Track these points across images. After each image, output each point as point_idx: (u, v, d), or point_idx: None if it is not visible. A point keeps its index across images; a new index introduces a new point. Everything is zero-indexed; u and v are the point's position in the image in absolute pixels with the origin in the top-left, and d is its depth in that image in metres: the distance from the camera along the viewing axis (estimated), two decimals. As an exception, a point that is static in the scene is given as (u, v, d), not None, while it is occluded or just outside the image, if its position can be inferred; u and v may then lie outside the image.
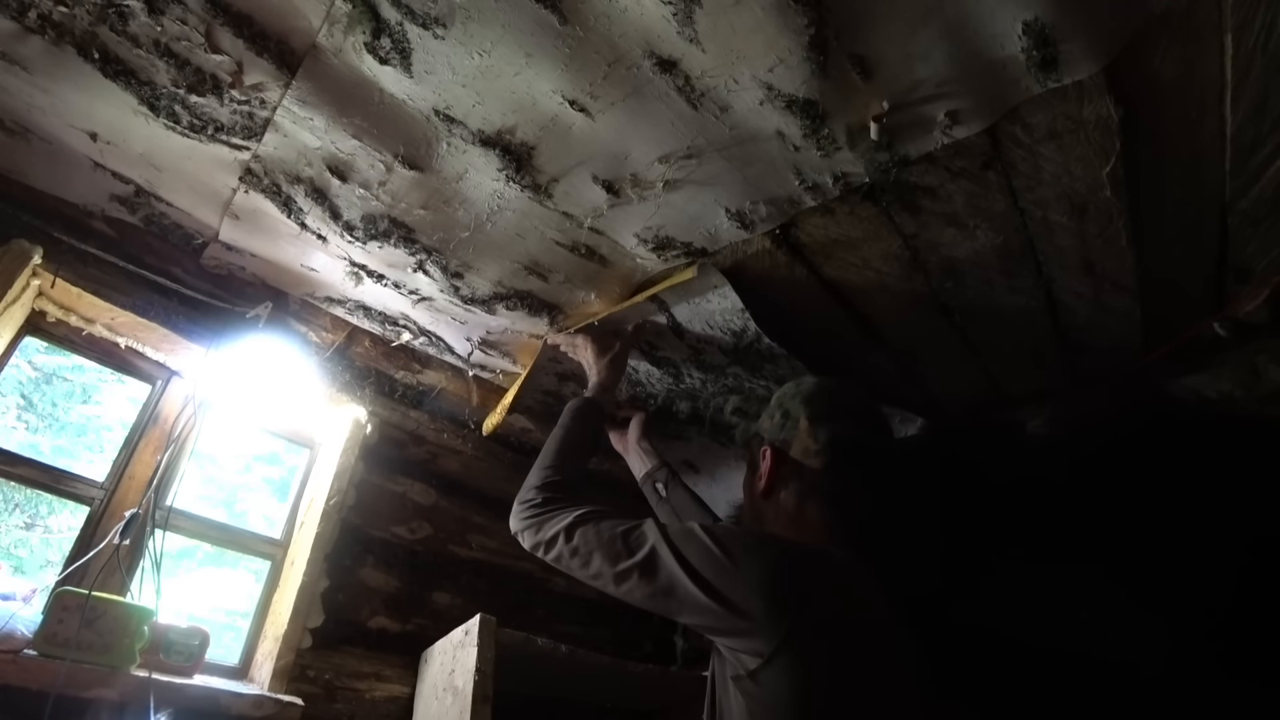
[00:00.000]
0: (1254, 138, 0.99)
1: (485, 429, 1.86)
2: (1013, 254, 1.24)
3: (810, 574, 0.94)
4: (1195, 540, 1.59)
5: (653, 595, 0.95)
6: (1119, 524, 1.71)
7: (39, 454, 1.41)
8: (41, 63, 1.07)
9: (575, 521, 1.06)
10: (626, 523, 1.04)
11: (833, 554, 0.99)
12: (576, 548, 1.03)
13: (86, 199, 1.38)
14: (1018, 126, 1.00)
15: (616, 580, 0.98)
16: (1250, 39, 0.86)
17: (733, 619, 0.88)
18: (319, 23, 0.98)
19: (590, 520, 1.06)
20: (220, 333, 1.50)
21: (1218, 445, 1.58)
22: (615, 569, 0.98)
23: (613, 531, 1.02)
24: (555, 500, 1.15)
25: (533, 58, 0.98)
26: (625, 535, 1.01)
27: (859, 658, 0.90)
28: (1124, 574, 1.65)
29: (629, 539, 1.00)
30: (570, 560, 1.04)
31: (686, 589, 0.91)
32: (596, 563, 1.00)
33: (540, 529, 1.10)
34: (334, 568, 1.54)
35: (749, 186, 1.16)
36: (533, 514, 1.13)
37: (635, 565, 0.97)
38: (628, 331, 1.52)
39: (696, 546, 0.95)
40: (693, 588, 0.91)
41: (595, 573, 1.00)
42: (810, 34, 0.88)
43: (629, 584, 0.97)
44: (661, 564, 0.95)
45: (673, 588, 0.93)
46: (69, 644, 1.12)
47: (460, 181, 1.23)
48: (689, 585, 0.91)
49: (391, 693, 1.54)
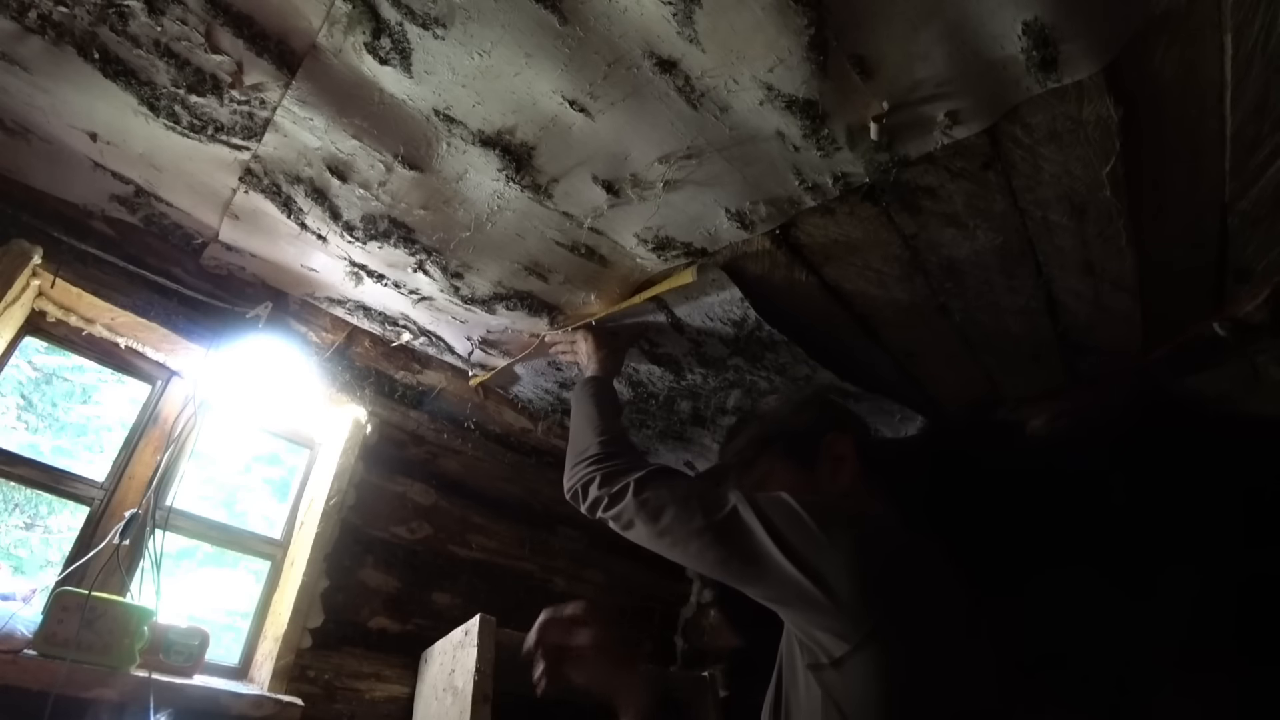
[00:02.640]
0: (1254, 138, 0.99)
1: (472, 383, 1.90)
2: (1013, 254, 1.24)
3: (903, 556, 0.87)
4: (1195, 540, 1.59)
5: (727, 560, 0.87)
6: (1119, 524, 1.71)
7: (39, 454, 1.41)
8: (41, 63, 1.07)
9: (648, 476, 0.99)
10: (703, 484, 0.97)
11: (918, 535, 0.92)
12: (647, 500, 0.96)
13: (86, 199, 1.38)
14: (1018, 127, 1.00)
15: (688, 539, 0.90)
16: (1250, 39, 0.86)
17: (818, 595, 0.79)
18: (319, 23, 0.98)
19: (663, 476, 0.99)
20: (220, 333, 1.50)
21: (1218, 445, 1.58)
22: (690, 526, 0.90)
23: (690, 489, 0.95)
24: (621, 455, 1.08)
25: (533, 58, 0.98)
26: (704, 494, 0.93)
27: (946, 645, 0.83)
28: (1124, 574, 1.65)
29: (708, 498, 0.93)
30: (637, 516, 0.96)
31: (771, 557, 0.83)
32: (668, 518, 0.93)
33: (607, 482, 1.03)
34: (334, 568, 1.54)
35: (749, 187, 1.16)
36: (596, 467, 1.06)
37: (713, 525, 0.89)
38: (626, 328, 1.53)
39: (786, 512, 0.87)
40: (779, 555, 0.83)
41: (664, 529, 0.93)
42: (810, 34, 0.88)
43: (701, 544, 0.89)
44: (744, 526, 0.87)
45: (754, 554, 0.85)
46: (69, 644, 1.12)
47: (460, 182, 1.23)
48: (774, 553, 0.83)
49: (391, 693, 1.54)
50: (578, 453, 1.15)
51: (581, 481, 1.09)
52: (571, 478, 1.12)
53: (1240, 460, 1.55)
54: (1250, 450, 1.54)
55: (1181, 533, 1.62)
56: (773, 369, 1.59)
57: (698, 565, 0.91)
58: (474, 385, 1.91)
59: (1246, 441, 1.53)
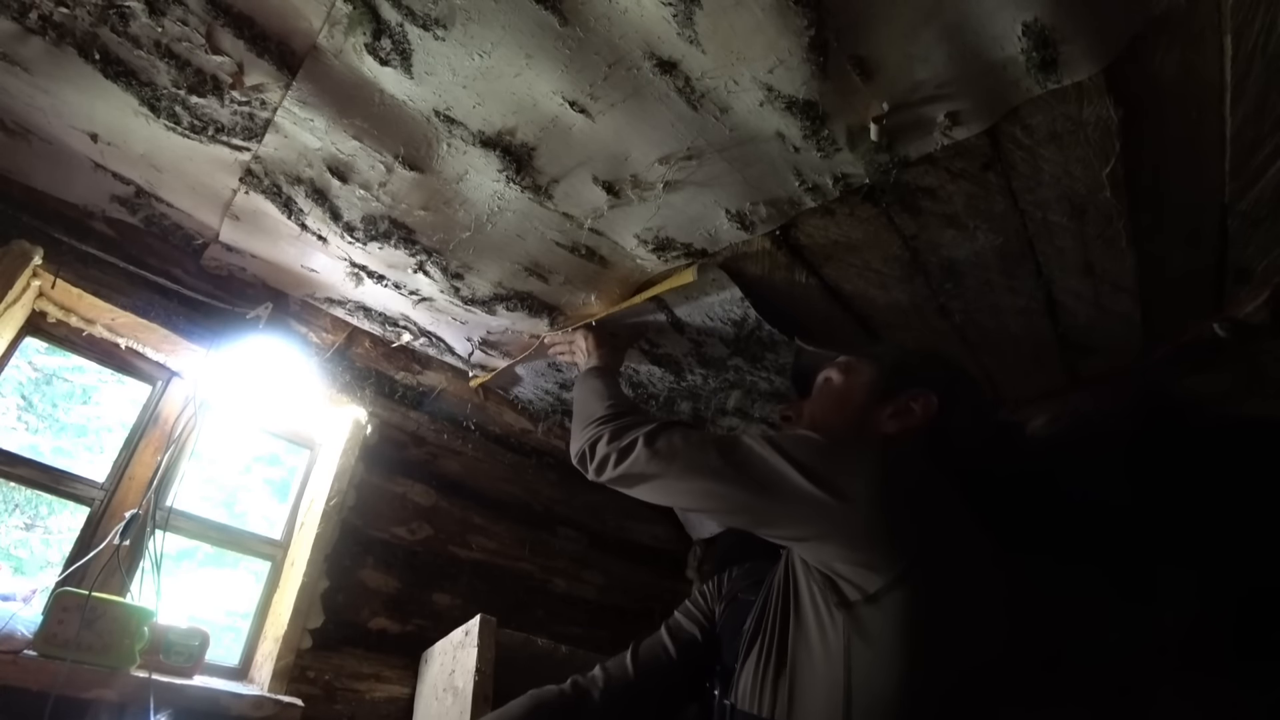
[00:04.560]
0: (1254, 138, 0.99)
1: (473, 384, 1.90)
2: (1012, 255, 1.24)
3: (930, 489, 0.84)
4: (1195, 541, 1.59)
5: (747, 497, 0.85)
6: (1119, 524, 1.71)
7: (39, 455, 1.41)
8: (42, 64, 1.07)
9: (658, 429, 0.99)
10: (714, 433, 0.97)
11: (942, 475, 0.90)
12: (658, 450, 0.95)
13: (87, 200, 1.38)
14: (1018, 128, 1.00)
15: (705, 479, 0.88)
16: (1250, 40, 0.86)
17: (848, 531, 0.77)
18: (320, 24, 0.98)
19: (675, 427, 0.98)
20: (220, 333, 1.51)
21: (1218, 446, 1.58)
22: (706, 467, 0.89)
23: (702, 435, 0.94)
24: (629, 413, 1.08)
25: (533, 59, 0.98)
26: (720, 440, 0.92)
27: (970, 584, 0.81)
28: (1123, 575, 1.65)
29: (723, 441, 0.91)
30: (649, 465, 0.95)
31: (794, 484, 0.80)
32: (680, 463, 0.91)
33: (615, 438, 1.02)
34: (334, 568, 1.54)
35: (749, 188, 1.17)
36: (604, 425, 1.05)
37: (731, 462, 0.87)
38: (626, 329, 1.53)
39: (808, 443, 0.85)
40: (802, 481, 0.80)
41: (678, 474, 0.92)
42: (810, 35, 0.88)
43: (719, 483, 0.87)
44: (760, 458, 0.85)
45: (778, 485, 0.82)
46: (69, 645, 1.12)
47: (460, 182, 1.23)
48: (797, 479, 0.80)
49: (391, 693, 1.54)
50: (584, 418, 1.13)
51: (589, 441, 1.07)
52: (578, 440, 1.10)
53: (1241, 461, 1.55)
54: (1251, 451, 1.54)
55: (1182, 534, 1.62)
56: (773, 369, 1.59)
57: (717, 507, 0.89)
58: (474, 386, 1.91)
59: (1247, 442, 1.53)
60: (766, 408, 1.77)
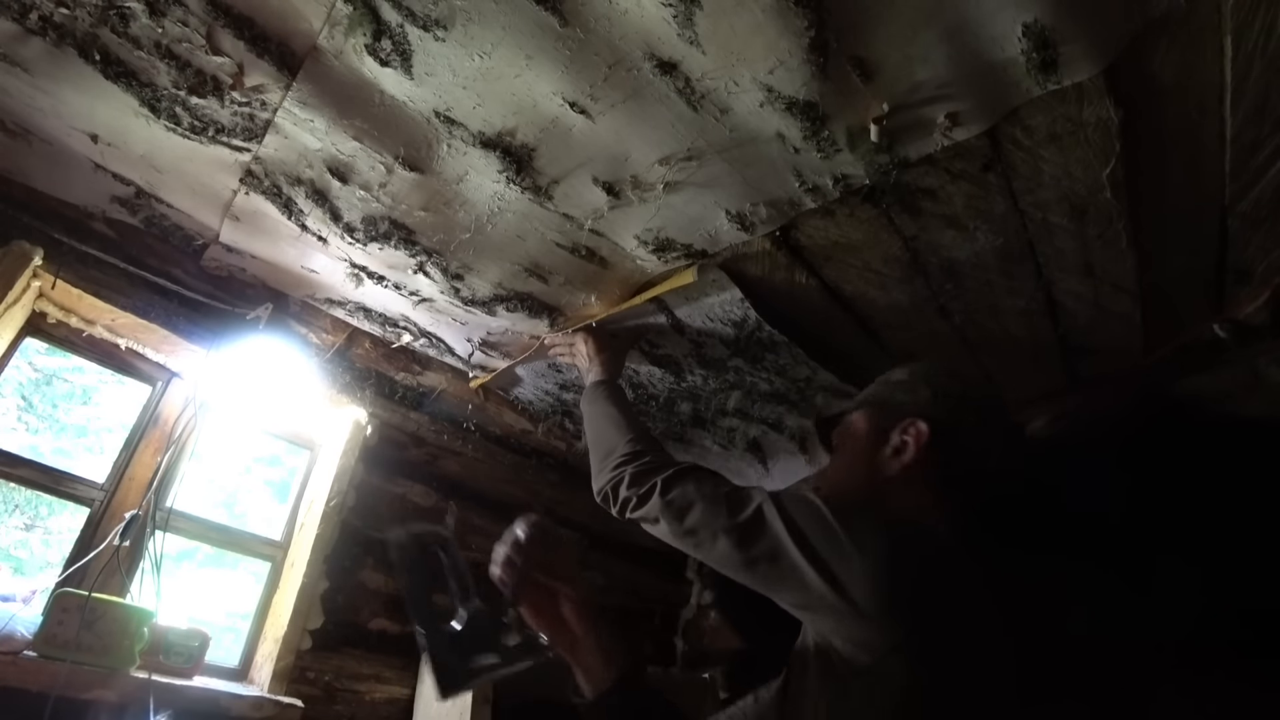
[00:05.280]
0: (1254, 139, 0.99)
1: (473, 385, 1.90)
2: (1012, 256, 1.24)
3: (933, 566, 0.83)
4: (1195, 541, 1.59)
5: (752, 562, 0.85)
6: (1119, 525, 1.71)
7: (39, 455, 1.41)
8: (42, 64, 1.07)
9: (675, 476, 0.99)
10: (730, 483, 0.96)
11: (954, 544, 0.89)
12: (673, 500, 0.96)
13: (87, 200, 1.38)
14: (1018, 128, 1.00)
15: (714, 539, 0.89)
16: (1250, 41, 0.86)
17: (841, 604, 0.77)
18: (320, 25, 0.98)
19: (691, 475, 0.98)
20: (220, 334, 1.51)
21: (1218, 446, 1.58)
22: (715, 526, 0.89)
23: (716, 488, 0.94)
24: (649, 453, 1.08)
25: (533, 60, 0.98)
26: (730, 494, 0.93)
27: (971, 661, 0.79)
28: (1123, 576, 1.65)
29: (733, 497, 0.92)
30: (664, 515, 0.96)
31: (792, 559, 0.81)
32: (694, 518, 0.92)
33: (635, 482, 1.02)
34: (334, 569, 1.54)
35: (749, 188, 1.17)
36: (625, 468, 1.06)
37: (737, 525, 0.88)
38: (626, 330, 1.52)
39: (810, 513, 0.84)
40: (801, 561, 0.80)
41: (690, 528, 0.92)
42: (810, 36, 0.89)
43: (727, 545, 0.87)
44: (767, 527, 0.85)
45: (776, 555, 0.83)
46: (69, 645, 1.12)
47: (461, 183, 1.23)
48: (797, 557, 0.81)
49: (391, 694, 1.54)
50: (604, 454, 1.14)
51: (611, 483, 1.08)
52: (600, 480, 1.12)
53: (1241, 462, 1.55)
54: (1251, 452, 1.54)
55: (1182, 534, 1.62)
56: (773, 370, 1.59)
57: (724, 566, 0.89)
58: (474, 387, 1.91)
59: (1247, 443, 1.53)
60: (766, 408, 1.77)
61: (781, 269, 1.33)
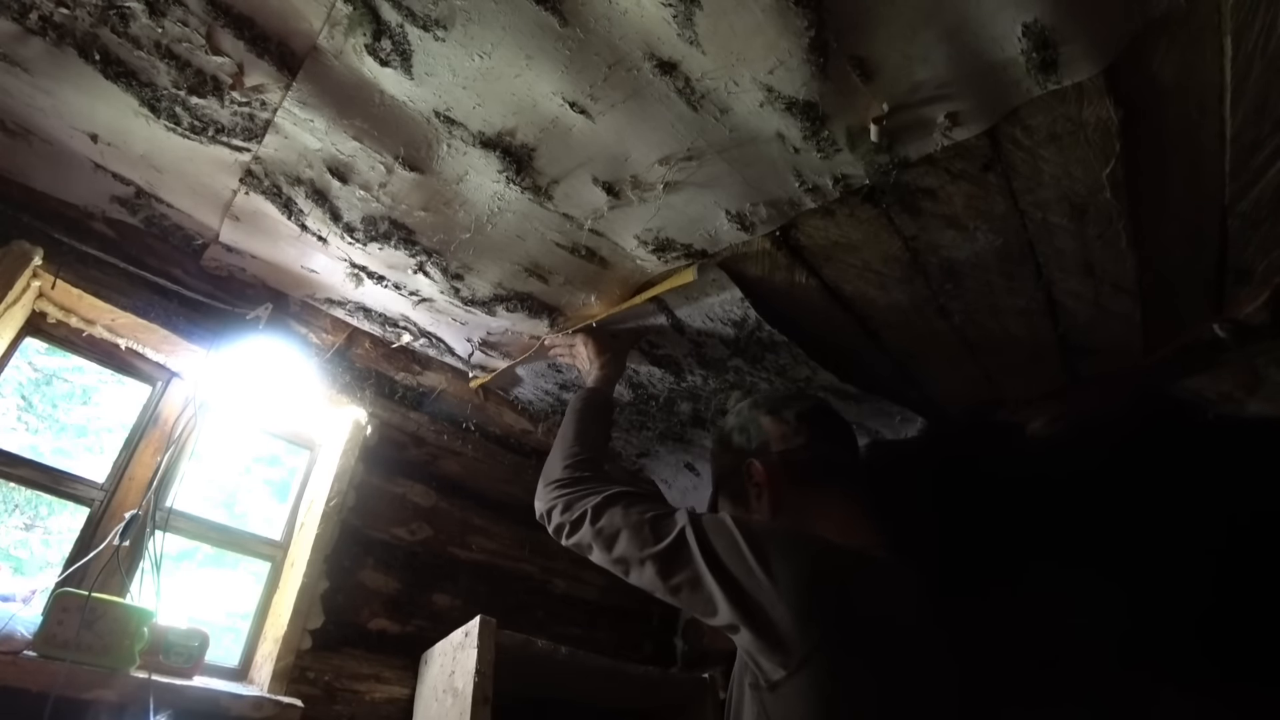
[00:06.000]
0: (1254, 139, 0.99)
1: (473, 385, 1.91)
2: (1012, 256, 1.24)
3: (844, 582, 0.86)
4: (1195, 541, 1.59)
5: (675, 589, 0.89)
6: (1119, 525, 1.71)
7: (39, 455, 1.41)
8: (42, 64, 1.07)
9: (604, 503, 1.01)
10: (657, 507, 0.98)
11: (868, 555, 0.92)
12: (602, 529, 0.98)
13: (87, 200, 1.38)
14: (1018, 128, 1.00)
15: (640, 566, 0.92)
16: (1250, 41, 0.86)
17: (755, 625, 0.81)
18: (320, 25, 0.98)
19: (619, 502, 1.00)
20: (220, 334, 1.51)
21: (1218, 447, 1.58)
22: (640, 554, 0.92)
23: (641, 516, 0.96)
24: (584, 480, 1.10)
25: (533, 60, 0.98)
26: (655, 521, 0.95)
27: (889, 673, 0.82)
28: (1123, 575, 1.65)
29: (657, 525, 0.94)
30: (594, 541, 0.98)
31: (709, 587, 0.85)
32: (621, 547, 0.94)
33: (568, 508, 1.05)
34: (334, 569, 1.54)
35: (749, 188, 1.17)
36: (559, 493, 1.08)
37: (659, 553, 0.90)
38: (626, 330, 1.52)
39: (726, 541, 0.88)
40: (715, 587, 0.84)
41: (619, 557, 0.95)
42: (810, 36, 0.89)
43: (650, 572, 0.91)
44: (687, 554, 0.89)
45: (695, 583, 0.87)
46: (69, 645, 1.12)
47: (460, 183, 1.23)
48: (711, 583, 0.85)
49: (391, 694, 1.54)
50: (546, 477, 1.17)
51: (546, 507, 1.11)
52: (539, 502, 1.15)
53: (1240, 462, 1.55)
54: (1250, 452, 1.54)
55: (1181, 535, 1.62)
56: (773, 370, 1.59)
57: (653, 592, 0.93)
58: (474, 387, 1.91)
59: (1247, 444, 1.53)
60: (766, 408, 1.77)
61: (781, 269, 1.33)
